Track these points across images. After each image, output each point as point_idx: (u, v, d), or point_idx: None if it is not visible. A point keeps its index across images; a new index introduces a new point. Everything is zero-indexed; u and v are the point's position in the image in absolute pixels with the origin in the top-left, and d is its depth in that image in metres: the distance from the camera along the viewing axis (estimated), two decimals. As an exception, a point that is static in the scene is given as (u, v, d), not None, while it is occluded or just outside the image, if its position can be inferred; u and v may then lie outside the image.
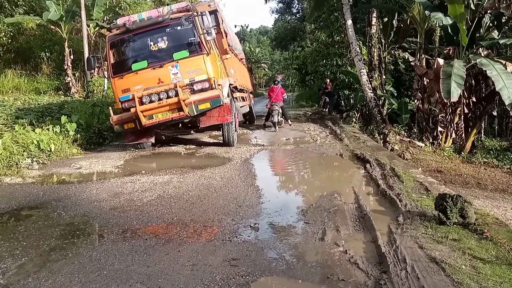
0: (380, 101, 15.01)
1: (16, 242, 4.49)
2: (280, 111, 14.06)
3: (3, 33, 20.52)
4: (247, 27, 71.45)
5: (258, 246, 4.21)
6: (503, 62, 10.29)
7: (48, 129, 9.96)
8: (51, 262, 3.98)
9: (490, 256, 3.68)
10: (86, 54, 17.46)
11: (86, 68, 12.65)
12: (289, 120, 15.37)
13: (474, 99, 11.79)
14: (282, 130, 13.93)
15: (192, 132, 11.45)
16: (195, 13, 9.39)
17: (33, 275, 3.72)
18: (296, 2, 36.44)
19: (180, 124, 10.63)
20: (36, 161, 8.78)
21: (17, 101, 14.96)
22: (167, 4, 21.74)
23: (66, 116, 11.12)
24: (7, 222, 5.34)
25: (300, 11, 36.40)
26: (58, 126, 10.33)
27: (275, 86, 14.86)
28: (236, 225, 4.84)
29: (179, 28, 9.45)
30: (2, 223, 5.28)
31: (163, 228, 4.83)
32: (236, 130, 10.85)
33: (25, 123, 10.38)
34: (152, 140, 10.17)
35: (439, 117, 11.72)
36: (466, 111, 11.66)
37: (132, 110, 9.11)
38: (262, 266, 3.75)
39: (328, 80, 21.08)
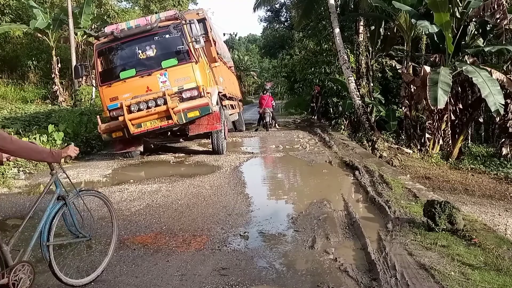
0: (368, 108, 15.14)
1: (1, 254, 4.40)
2: (271, 115, 16.82)
3: (-11, 42, 20.36)
4: (235, 35, 71.50)
5: (248, 255, 4.19)
6: (489, 69, 10.43)
7: (35, 138, 9.86)
8: (38, 274, 3.87)
9: (478, 262, 3.69)
10: (74, 63, 17.36)
11: (73, 76, 12.62)
12: (277, 124, 17.71)
13: (460, 106, 11.92)
14: (271, 136, 14.06)
15: (181, 140, 11.41)
16: (184, 21, 9.40)
17: (18, 287, 3.64)
18: (284, 10, 36.52)
19: (169, 133, 10.59)
20: (22, 171, 8.66)
21: (3, 110, 14.81)
22: (156, 12, 21.79)
23: (53, 125, 11.03)
24: (-8, 233, 5.24)
25: (288, 19, 36.52)
26: (45, 135, 10.24)
27: (265, 94, 17.53)
28: (226, 234, 4.81)
29: (167, 36, 9.43)
30: (-13, 235, 5.19)
31: (151, 238, 4.78)
32: (225, 138, 10.83)
33: (12, 132, 10.25)
34: (141, 148, 10.11)
35: (427, 124, 11.82)
36: (453, 118, 11.79)
37: (120, 118, 9.05)
38: (252, 275, 3.72)
39: (318, 88, 21.29)
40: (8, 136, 3.04)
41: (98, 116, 9.73)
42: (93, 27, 21.63)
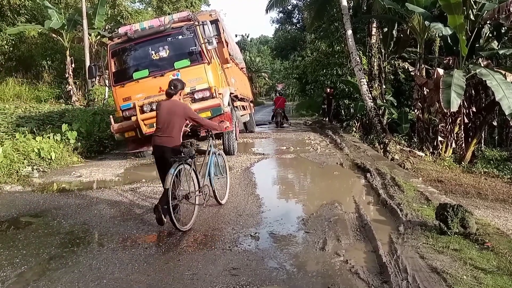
0: (380, 111, 15.06)
1: (15, 251, 4.48)
2: (282, 114, 19.61)
3: (5, 41, 20.64)
4: (247, 37, 71.66)
5: (259, 255, 4.20)
6: (503, 72, 10.31)
7: (48, 137, 9.97)
8: (51, 271, 3.96)
9: (491, 267, 3.66)
10: (88, 63, 17.56)
11: (87, 76, 12.73)
12: (287, 121, 20.34)
13: (474, 109, 11.81)
14: (283, 138, 14.14)
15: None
16: (197, 23, 9.44)
17: (32, 284, 3.70)
18: (297, 12, 36.47)
19: (181, 133, 10.62)
20: (36, 169, 8.78)
21: (18, 109, 14.99)
22: (169, 13, 21.92)
23: (67, 124, 11.14)
24: (6, 230, 5.33)
25: (300, 21, 36.47)
26: (58, 134, 10.35)
27: (278, 96, 21.25)
28: (237, 234, 4.83)
29: (180, 37, 9.49)
30: (2, 231, 5.27)
31: (163, 237, 4.82)
32: (236, 139, 10.85)
33: (26, 131, 10.38)
34: (153, 148, 10.17)
35: (439, 126, 11.72)
36: (466, 121, 11.67)
37: (133, 118, 9.14)
38: (263, 275, 3.73)
39: (330, 90, 21.26)
40: (200, 116, 5.83)
41: (111, 116, 9.82)
42: (106, 27, 21.84)
